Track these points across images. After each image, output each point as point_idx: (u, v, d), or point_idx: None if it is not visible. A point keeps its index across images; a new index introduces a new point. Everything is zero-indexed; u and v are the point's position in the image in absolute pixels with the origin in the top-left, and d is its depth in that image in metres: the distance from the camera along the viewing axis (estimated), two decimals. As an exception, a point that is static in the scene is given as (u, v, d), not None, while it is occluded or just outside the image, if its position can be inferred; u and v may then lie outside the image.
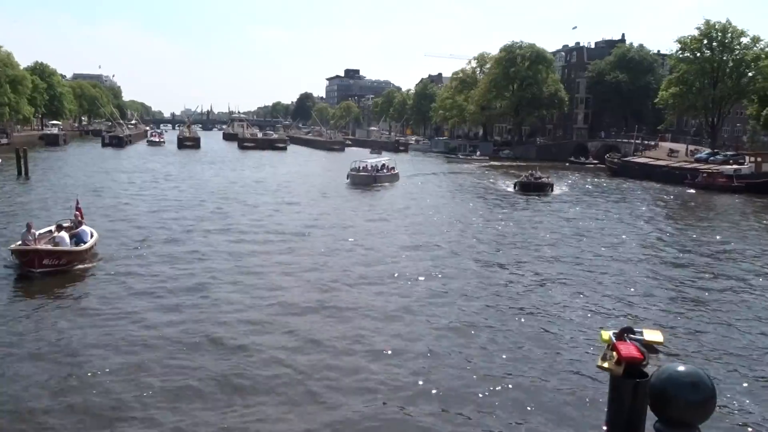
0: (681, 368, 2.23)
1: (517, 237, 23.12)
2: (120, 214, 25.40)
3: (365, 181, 41.69)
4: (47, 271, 14.93)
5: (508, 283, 16.09)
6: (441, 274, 16.75)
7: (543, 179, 40.40)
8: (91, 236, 17.29)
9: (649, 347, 3.37)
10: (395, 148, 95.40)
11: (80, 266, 16.07)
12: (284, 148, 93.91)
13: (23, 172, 40.14)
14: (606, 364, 3.09)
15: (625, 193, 43.00)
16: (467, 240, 22.30)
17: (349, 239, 21.61)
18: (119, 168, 50.59)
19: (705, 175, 47.40)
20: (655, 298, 15.03)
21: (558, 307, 13.94)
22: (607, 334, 3.71)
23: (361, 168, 43.81)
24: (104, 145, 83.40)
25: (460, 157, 78.85)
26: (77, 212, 18.70)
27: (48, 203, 27.84)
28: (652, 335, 5.60)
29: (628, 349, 2.91)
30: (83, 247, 16.33)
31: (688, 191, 45.46)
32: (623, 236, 24.16)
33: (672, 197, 42.06)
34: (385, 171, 44.95)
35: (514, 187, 40.67)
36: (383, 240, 21.82)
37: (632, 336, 3.32)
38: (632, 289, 15.79)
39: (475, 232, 24.06)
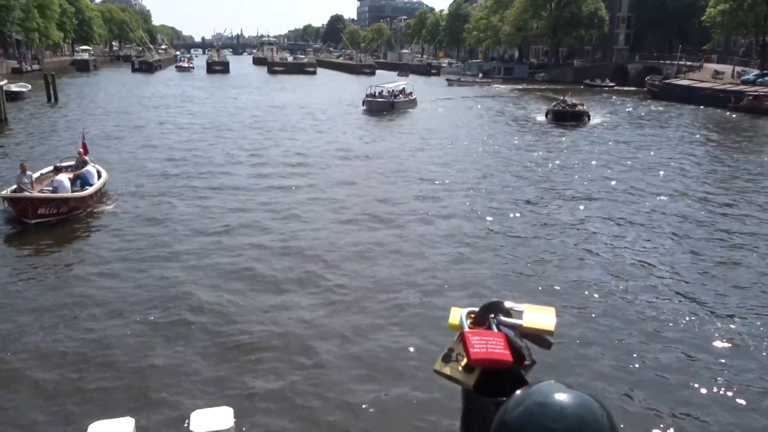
0: (559, 396, 1.12)
1: (545, 175, 22.20)
2: (140, 144, 25.03)
3: (382, 107, 39.57)
4: (44, 222, 12.83)
5: (527, 222, 15.59)
6: (455, 211, 16.33)
7: (578, 107, 36.59)
8: (99, 177, 15.07)
9: (535, 338, 1.80)
10: (427, 71, 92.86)
11: (85, 213, 13.88)
12: (314, 72, 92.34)
13: (52, 98, 40.29)
14: (448, 369, 1.73)
15: (667, 119, 41.00)
16: (487, 179, 21.51)
17: (367, 169, 21.20)
18: (147, 93, 50.42)
19: (751, 97, 44.94)
20: (676, 242, 14.41)
21: (578, 248, 13.52)
22: (458, 314, 1.99)
23: (377, 93, 41.30)
24: (134, 70, 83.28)
25: (462, 80, 74.34)
26: (81, 149, 16.19)
27: (77, 128, 27.88)
28: (538, 317, 2.22)
29: (486, 344, 1.68)
30: (87, 191, 13.99)
31: (733, 115, 43.34)
32: (660, 169, 22.81)
33: (714, 122, 40.14)
34: (402, 97, 42.06)
35: (546, 116, 37.08)
36: (397, 171, 21.28)
37: (502, 319, 1.88)
38: (657, 228, 15.11)
39: (496, 170, 23.22)
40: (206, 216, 14.36)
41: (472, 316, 1.89)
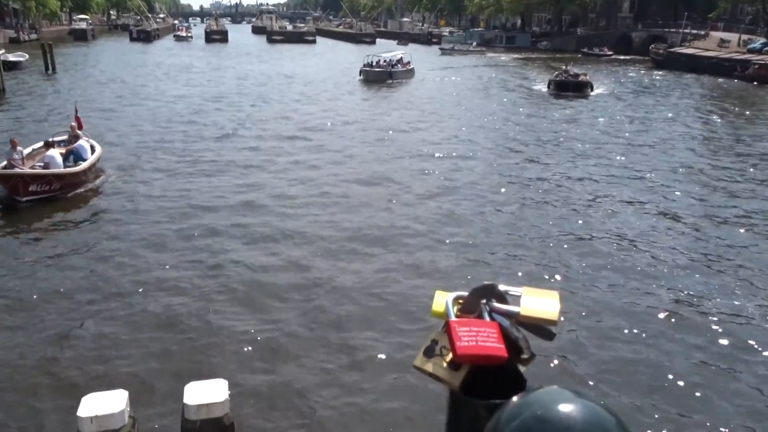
0: (563, 408, 0.90)
1: (546, 149, 21.82)
2: (138, 116, 24.64)
3: (379, 77, 39.06)
4: (37, 199, 12.44)
5: (527, 198, 15.41)
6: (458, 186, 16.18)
7: (581, 77, 35.90)
8: (92, 151, 14.52)
9: (535, 327, 1.54)
10: (427, 40, 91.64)
11: (79, 190, 13.45)
12: (313, 41, 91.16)
13: (50, 68, 39.84)
14: (430, 365, 1.49)
15: (671, 89, 40.44)
16: (487, 152, 21.17)
17: (364, 141, 20.91)
18: (145, 63, 49.85)
19: (756, 66, 44.38)
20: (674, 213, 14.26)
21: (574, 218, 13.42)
22: (443, 300, 1.59)
23: (374, 63, 40.84)
24: (132, 39, 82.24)
25: (456, 49, 72.74)
26: (75, 122, 15.47)
27: (75, 99, 27.58)
28: (538, 302, 1.60)
29: (476, 336, 1.41)
30: (80, 167, 13.50)
31: (738, 84, 42.85)
32: (664, 141, 22.33)
33: (720, 91, 39.66)
34: (400, 66, 41.58)
35: (548, 87, 36.49)
36: (395, 143, 21.07)
37: (495, 306, 1.56)
38: (663, 201, 14.90)
39: (496, 143, 22.90)
40: (205, 190, 14.12)
41: (460, 302, 1.60)
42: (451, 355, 1.45)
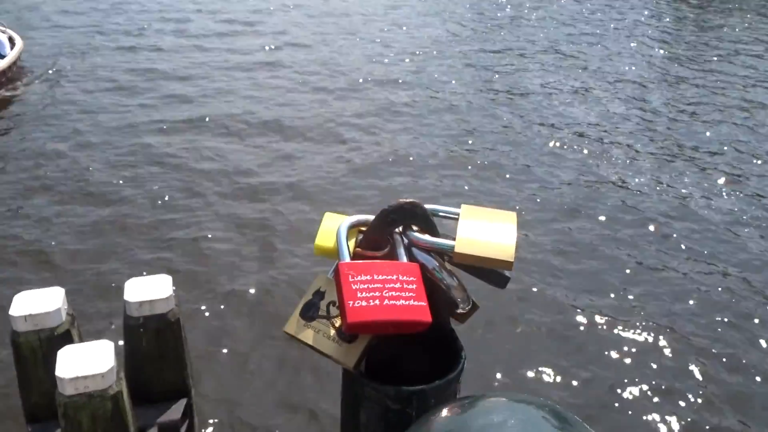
0: None
1: (499, 35, 21.07)
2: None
3: None
4: None
5: (478, 90, 14.90)
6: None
7: None
8: (11, 45, 12.65)
9: (479, 270, 0.90)
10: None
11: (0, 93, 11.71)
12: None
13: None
14: (310, 334, 0.93)
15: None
16: (432, 43, 20.27)
17: (308, 24, 19.80)
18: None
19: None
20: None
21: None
22: (333, 227, 0.93)
23: None
24: None
25: None
26: None
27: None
28: (484, 231, 0.93)
29: (381, 290, 0.85)
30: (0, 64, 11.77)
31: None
32: (625, 31, 22.00)
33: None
34: None
35: None
36: (349, 23, 19.99)
37: (417, 237, 0.91)
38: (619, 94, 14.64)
39: (445, 29, 22.03)
40: (153, 83, 12.73)
41: (362, 229, 1.03)
42: (338, 320, 0.95)
